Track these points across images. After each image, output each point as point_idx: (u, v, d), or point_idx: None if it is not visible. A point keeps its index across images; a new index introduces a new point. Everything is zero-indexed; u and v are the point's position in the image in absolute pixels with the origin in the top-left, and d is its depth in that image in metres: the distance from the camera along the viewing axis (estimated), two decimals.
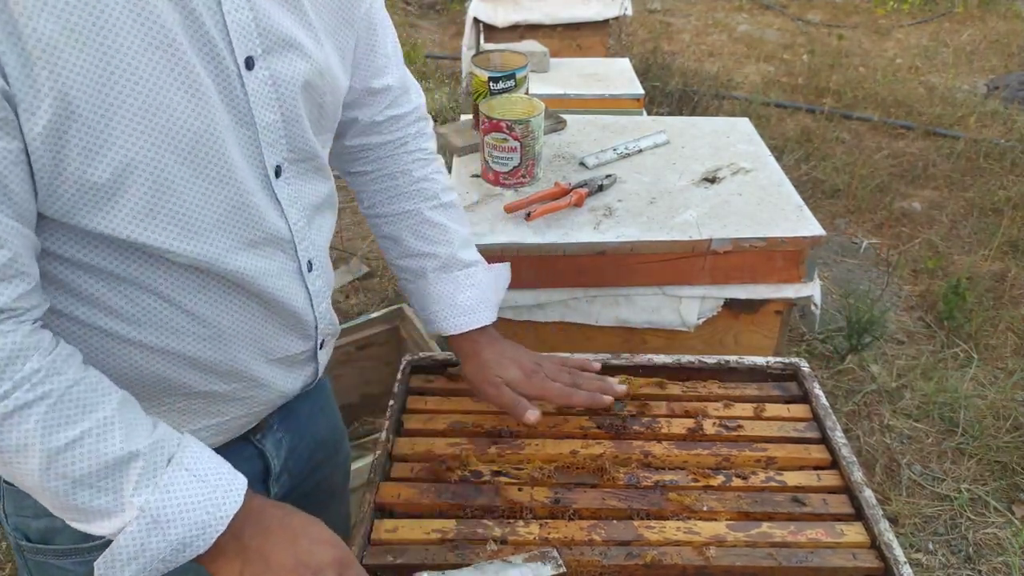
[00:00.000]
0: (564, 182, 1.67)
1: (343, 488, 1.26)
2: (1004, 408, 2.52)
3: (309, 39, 0.85)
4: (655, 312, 1.66)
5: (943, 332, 2.90)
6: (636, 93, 2.74)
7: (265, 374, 0.94)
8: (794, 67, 5.56)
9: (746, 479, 1.01)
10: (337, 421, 1.21)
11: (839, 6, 7.19)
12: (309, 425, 1.09)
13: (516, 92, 1.78)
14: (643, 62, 4.80)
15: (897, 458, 2.38)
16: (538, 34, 3.71)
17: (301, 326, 0.95)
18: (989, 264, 3.30)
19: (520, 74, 1.80)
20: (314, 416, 1.10)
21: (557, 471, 1.01)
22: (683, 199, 1.72)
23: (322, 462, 1.14)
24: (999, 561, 2.07)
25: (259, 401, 0.96)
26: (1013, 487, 2.28)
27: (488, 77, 1.78)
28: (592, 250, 1.57)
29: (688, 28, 6.61)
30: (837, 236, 3.57)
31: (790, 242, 1.59)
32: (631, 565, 0.89)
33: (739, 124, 2.13)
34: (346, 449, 1.26)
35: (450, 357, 1.20)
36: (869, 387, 2.63)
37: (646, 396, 1.15)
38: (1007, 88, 5.00)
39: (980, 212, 3.69)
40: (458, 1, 6.81)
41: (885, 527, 0.93)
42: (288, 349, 0.95)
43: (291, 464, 1.07)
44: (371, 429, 2.40)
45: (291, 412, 1.03)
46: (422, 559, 0.89)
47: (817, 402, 1.13)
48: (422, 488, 0.98)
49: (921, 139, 4.42)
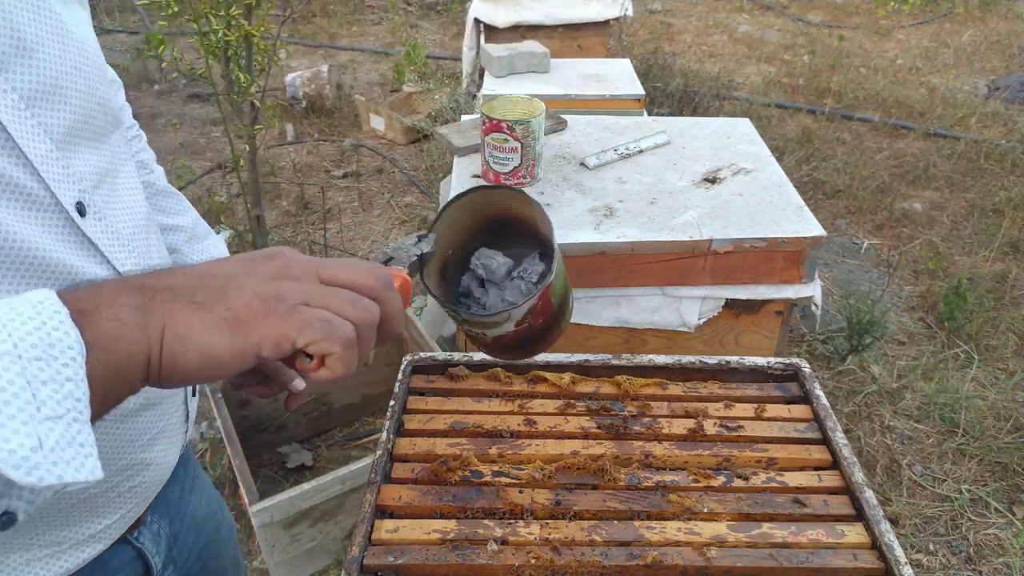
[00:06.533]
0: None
1: (235, 566, 1.14)
2: (1005, 409, 2.52)
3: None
4: (655, 312, 1.66)
5: (944, 333, 2.90)
6: (637, 94, 2.74)
7: (148, 453, 0.81)
8: (795, 68, 5.56)
9: (747, 480, 1.01)
10: (210, 491, 1.08)
11: (840, 7, 7.20)
12: (183, 506, 0.97)
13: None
14: (644, 63, 4.80)
15: (898, 459, 2.38)
16: (539, 34, 3.71)
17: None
18: (990, 265, 3.29)
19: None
20: (186, 495, 0.99)
21: (558, 472, 1.01)
22: (684, 199, 1.72)
23: (207, 543, 1.03)
24: (1000, 562, 2.07)
25: (141, 491, 0.83)
26: (1014, 488, 2.28)
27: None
28: (592, 250, 1.57)
29: (689, 29, 6.61)
30: (838, 237, 3.57)
31: (791, 243, 1.59)
32: (632, 566, 0.89)
33: (740, 125, 2.13)
34: (228, 521, 1.12)
35: (450, 357, 1.20)
36: (870, 388, 2.63)
37: (647, 396, 1.15)
38: (1008, 89, 4.99)
39: (981, 213, 3.69)
40: (459, 1, 6.82)
41: (886, 528, 0.93)
42: (164, 412, 0.84)
43: (176, 554, 0.95)
44: (371, 429, 2.40)
45: (162, 498, 0.92)
46: (423, 559, 0.89)
47: (818, 403, 1.13)
48: (423, 490, 0.98)
49: (922, 140, 4.42)
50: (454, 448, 1.04)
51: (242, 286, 0.55)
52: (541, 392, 1.15)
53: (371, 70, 5.64)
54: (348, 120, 4.65)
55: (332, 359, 0.56)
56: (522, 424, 1.08)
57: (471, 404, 1.12)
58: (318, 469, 2.25)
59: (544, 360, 1.18)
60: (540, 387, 1.16)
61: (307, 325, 0.54)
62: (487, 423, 1.09)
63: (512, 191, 0.90)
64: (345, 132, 4.55)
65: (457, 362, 1.19)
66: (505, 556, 0.89)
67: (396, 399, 1.12)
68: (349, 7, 7.02)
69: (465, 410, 1.12)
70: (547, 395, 1.14)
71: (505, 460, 1.03)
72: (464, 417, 1.10)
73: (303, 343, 0.54)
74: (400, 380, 1.16)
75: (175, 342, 0.52)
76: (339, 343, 0.55)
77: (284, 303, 0.54)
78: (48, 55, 0.66)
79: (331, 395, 2.32)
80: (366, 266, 0.61)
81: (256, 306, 0.54)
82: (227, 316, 0.53)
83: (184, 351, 0.52)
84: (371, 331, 0.58)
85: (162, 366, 0.52)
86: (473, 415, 1.10)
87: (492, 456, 1.03)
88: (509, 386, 1.16)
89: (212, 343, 0.53)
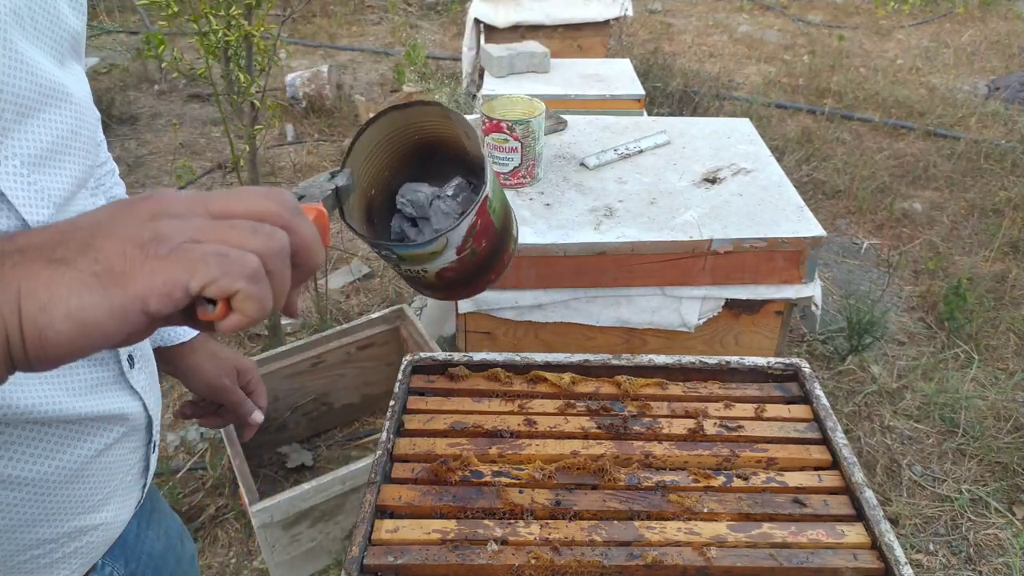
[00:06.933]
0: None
1: None
2: (1005, 409, 2.52)
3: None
4: (655, 312, 1.66)
5: (944, 333, 2.90)
6: (637, 94, 2.74)
7: (95, 516, 0.76)
8: (795, 68, 5.56)
9: (747, 480, 1.01)
10: (168, 522, 1.01)
11: (840, 7, 7.20)
12: (140, 544, 0.91)
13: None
14: (644, 63, 4.80)
15: (898, 459, 2.38)
16: (539, 34, 3.71)
17: (128, 440, 0.79)
18: (990, 265, 3.29)
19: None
20: (143, 532, 0.93)
21: (558, 472, 1.01)
22: (684, 199, 1.72)
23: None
24: (1000, 562, 2.07)
25: (89, 550, 0.78)
26: (1014, 488, 2.28)
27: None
28: (592, 250, 1.57)
29: (689, 29, 6.61)
30: (838, 237, 3.57)
31: (791, 243, 1.59)
32: (632, 566, 0.89)
33: (740, 125, 2.13)
34: (190, 550, 1.07)
35: (450, 357, 1.20)
36: (870, 388, 2.63)
37: (647, 396, 1.15)
38: (1008, 89, 4.99)
39: (981, 213, 3.69)
40: (459, 2, 6.82)
41: (886, 528, 0.93)
42: (116, 471, 0.78)
43: None
44: (371, 429, 2.40)
45: (117, 539, 0.85)
46: (423, 559, 0.88)
47: (818, 403, 1.13)
48: (423, 490, 0.98)
49: (922, 140, 4.42)
50: (454, 448, 1.04)
51: (111, 233, 0.45)
52: (541, 392, 1.15)
53: (371, 70, 5.64)
54: (348, 120, 4.65)
55: (239, 299, 0.45)
56: (522, 424, 1.08)
57: (471, 404, 1.12)
58: (318, 469, 2.25)
59: (544, 360, 1.18)
60: (540, 387, 1.16)
61: (199, 263, 0.44)
62: (487, 423, 1.08)
63: (426, 104, 0.80)
64: (345, 132, 4.54)
65: (457, 362, 1.19)
66: (505, 556, 0.89)
67: (396, 399, 1.12)
68: (349, 7, 7.02)
69: (465, 410, 1.12)
70: (547, 395, 1.14)
71: (505, 460, 1.03)
72: (464, 417, 1.10)
73: (198, 285, 0.44)
74: (400, 380, 1.16)
75: (38, 313, 0.43)
76: (242, 277, 0.45)
77: (166, 244, 0.44)
78: (49, 121, 0.64)
79: (331, 395, 2.32)
80: (265, 191, 0.50)
81: (131, 253, 0.44)
82: (96, 270, 0.43)
83: (50, 321, 0.43)
84: (281, 261, 0.48)
85: (27, 345, 0.43)
86: (473, 415, 1.10)
87: (492, 456, 1.03)
88: (509, 386, 1.16)
89: (83, 305, 0.43)
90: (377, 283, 3.17)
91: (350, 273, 3.19)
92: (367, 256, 3.31)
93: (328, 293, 2.96)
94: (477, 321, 1.65)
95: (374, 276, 3.21)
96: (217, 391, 0.99)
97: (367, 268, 3.23)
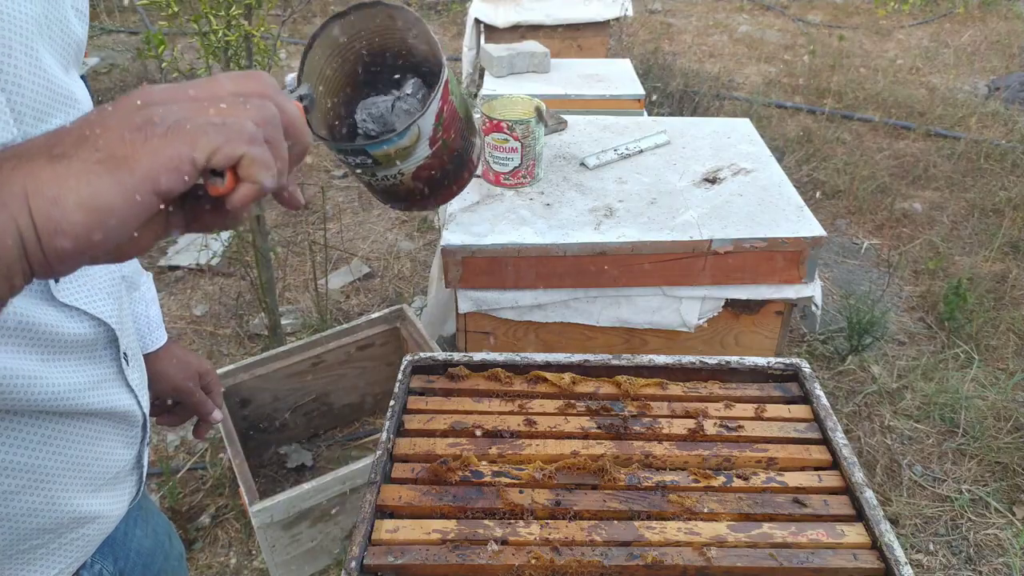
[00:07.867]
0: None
1: None
2: (1005, 409, 2.52)
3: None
4: (656, 312, 1.66)
5: (944, 333, 2.90)
6: (637, 94, 2.74)
7: (90, 507, 0.78)
8: (795, 68, 5.56)
9: (747, 480, 1.01)
10: (156, 520, 1.04)
11: (840, 7, 7.20)
12: (128, 542, 0.93)
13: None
14: (644, 63, 4.80)
15: (898, 459, 2.37)
16: (539, 34, 3.72)
17: (124, 435, 0.82)
18: (990, 265, 3.29)
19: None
20: (131, 529, 0.95)
21: (558, 472, 1.01)
22: (684, 199, 1.72)
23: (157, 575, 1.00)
24: (1000, 562, 2.07)
25: (84, 543, 0.80)
26: (1014, 488, 2.28)
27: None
28: (592, 250, 1.57)
29: (689, 29, 6.61)
30: (838, 237, 3.57)
31: (791, 243, 1.59)
32: (632, 566, 0.89)
33: (740, 125, 2.13)
34: (178, 549, 1.09)
35: (450, 357, 1.20)
36: (870, 388, 2.63)
37: (647, 396, 1.15)
38: (1008, 89, 4.99)
39: (981, 213, 3.69)
40: (459, 1, 6.82)
41: (886, 528, 0.93)
42: (112, 465, 0.80)
43: None
44: (371, 429, 2.40)
45: (106, 539, 0.88)
46: (423, 559, 0.89)
47: (818, 403, 1.13)
48: (423, 490, 0.98)
49: (922, 140, 4.42)
50: (454, 448, 1.04)
51: (105, 125, 0.45)
52: (541, 392, 1.15)
53: None
54: None
55: (245, 164, 0.46)
56: (522, 424, 1.08)
57: (471, 404, 1.12)
58: (318, 469, 2.25)
59: (544, 360, 1.18)
60: (540, 387, 1.16)
61: (199, 134, 0.45)
62: (487, 423, 1.09)
63: (369, 5, 0.79)
64: None
65: (457, 362, 1.19)
66: (505, 556, 0.89)
67: (396, 399, 1.12)
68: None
69: (465, 410, 1.12)
70: (547, 395, 1.14)
71: (505, 460, 1.03)
72: (464, 417, 1.10)
73: (203, 155, 0.45)
74: (400, 380, 1.16)
75: (50, 207, 0.42)
76: (243, 142, 0.46)
77: (162, 124, 0.45)
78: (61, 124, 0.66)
79: (331, 395, 2.32)
80: (243, 73, 0.51)
81: (130, 136, 0.44)
82: (99, 158, 0.43)
83: (63, 213, 0.42)
84: (276, 130, 0.48)
85: (42, 242, 0.42)
86: (473, 415, 1.10)
87: (492, 456, 1.03)
88: (509, 386, 1.16)
89: (95, 192, 0.43)
90: (377, 283, 3.17)
91: (350, 273, 3.19)
92: (367, 256, 3.31)
93: (328, 293, 2.96)
94: (477, 321, 1.65)
95: (374, 276, 3.21)
96: (182, 393, 1.04)
97: (367, 268, 3.24)
